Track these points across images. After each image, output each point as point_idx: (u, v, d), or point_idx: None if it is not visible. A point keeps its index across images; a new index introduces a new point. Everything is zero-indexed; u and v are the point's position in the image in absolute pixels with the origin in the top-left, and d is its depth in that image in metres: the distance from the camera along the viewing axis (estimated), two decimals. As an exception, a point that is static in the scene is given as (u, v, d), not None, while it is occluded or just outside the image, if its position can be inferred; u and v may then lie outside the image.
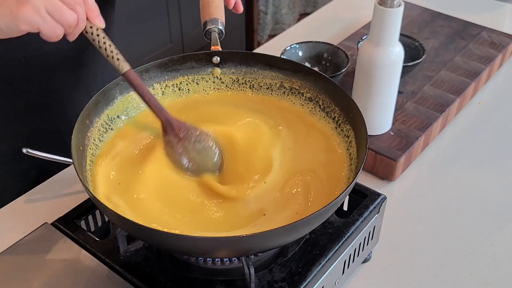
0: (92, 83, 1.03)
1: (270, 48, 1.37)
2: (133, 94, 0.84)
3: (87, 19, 0.70)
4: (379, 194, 0.82)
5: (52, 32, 0.68)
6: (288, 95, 0.87)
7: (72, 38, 0.71)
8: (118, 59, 0.74)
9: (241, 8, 0.93)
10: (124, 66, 0.74)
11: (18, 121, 0.98)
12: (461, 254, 0.88)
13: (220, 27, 0.88)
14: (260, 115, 0.85)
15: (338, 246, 0.75)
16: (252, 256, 0.72)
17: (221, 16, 0.89)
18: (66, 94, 1.00)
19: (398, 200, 0.97)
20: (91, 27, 0.71)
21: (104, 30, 1.03)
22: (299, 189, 0.73)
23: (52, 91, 0.98)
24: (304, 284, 0.70)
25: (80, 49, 0.97)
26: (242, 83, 0.89)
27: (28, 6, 0.65)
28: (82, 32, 0.71)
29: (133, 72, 0.75)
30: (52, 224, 0.79)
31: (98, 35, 0.72)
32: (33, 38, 0.88)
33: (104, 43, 0.73)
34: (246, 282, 0.68)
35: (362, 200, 0.81)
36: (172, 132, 0.77)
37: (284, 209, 0.71)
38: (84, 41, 0.96)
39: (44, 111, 0.99)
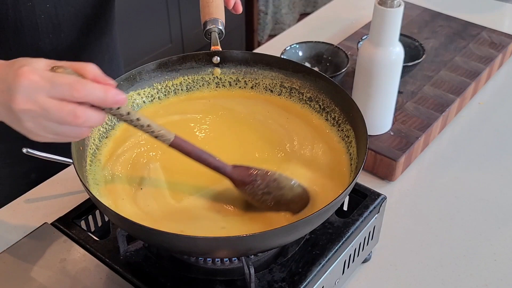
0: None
1: (270, 48, 1.37)
2: (133, 94, 0.84)
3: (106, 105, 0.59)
4: (379, 194, 0.82)
5: (72, 139, 0.62)
6: (288, 95, 0.87)
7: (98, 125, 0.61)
8: (157, 136, 0.65)
9: (240, 9, 0.93)
10: (166, 140, 0.66)
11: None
12: (461, 254, 0.88)
13: (220, 27, 0.88)
14: (259, 115, 0.85)
15: (338, 246, 0.75)
16: (252, 256, 0.72)
17: (221, 16, 0.89)
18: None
19: (398, 200, 0.97)
20: (115, 115, 0.62)
21: (104, 30, 1.03)
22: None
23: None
24: (304, 284, 0.70)
25: (78, 49, 0.97)
26: (242, 83, 0.89)
27: (30, 134, 0.60)
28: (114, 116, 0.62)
29: (179, 139, 0.67)
30: (52, 224, 0.79)
31: (127, 120, 0.63)
32: (31, 38, 0.88)
33: (136, 125, 0.64)
34: (246, 282, 0.68)
35: (362, 200, 0.81)
36: (239, 187, 0.71)
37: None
38: (82, 41, 0.97)
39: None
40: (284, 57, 1.10)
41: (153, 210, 0.70)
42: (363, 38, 1.18)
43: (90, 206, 0.81)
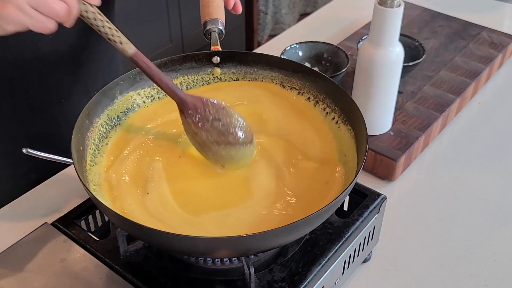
0: (92, 83, 1.03)
1: (270, 48, 1.37)
2: (133, 94, 0.84)
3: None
4: (379, 194, 0.82)
5: (42, 27, 0.64)
6: (288, 95, 0.87)
7: (69, 25, 0.66)
8: (121, 42, 0.69)
9: (240, 9, 0.93)
10: (128, 48, 0.70)
11: (18, 122, 0.98)
12: (461, 254, 0.88)
13: (220, 27, 0.88)
14: (257, 114, 0.85)
15: (338, 246, 0.75)
16: (252, 256, 0.72)
17: (221, 16, 0.89)
18: (66, 94, 1.00)
19: (398, 200, 0.97)
20: (86, 11, 0.66)
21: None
22: (299, 189, 0.73)
23: (52, 92, 0.98)
24: (304, 284, 0.70)
25: (78, 49, 0.97)
26: (242, 83, 0.89)
27: (10, 5, 0.62)
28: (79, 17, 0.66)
29: (140, 53, 0.71)
30: (52, 224, 0.79)
31: (95, 19, 0.66)
32: (30, 39, 0.88)
33: (103, 26, 0.67)
34: (246, 282, 0.68)
35: (362, 200, 0.81)
36: (188, 113, 0.73)
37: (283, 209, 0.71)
38: (82, 42, 0.97)
39: (44, 111, 0.99)
40: (284, 57, 1.10)
41: (165, 217, 0.70)
42: (363, 38, 1.18)
43: (90, 206, 0.81)
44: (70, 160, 0.70)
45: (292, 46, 1.18)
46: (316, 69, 1.13)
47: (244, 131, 0.75)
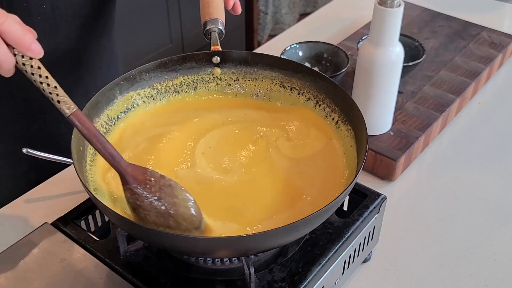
0: (91, 84, 1.03)
1: (270, 48, 1.37)
2: (133, 94, 0.84)
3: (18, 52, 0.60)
4: (379, 194, 0.82)
5: None
6: (288, 95, 0.87)
7: (5, 75, 0.61)
8: (58, 102, 0.62)
9: (239, 10, 0.93)
10: (66, 108, 0.63)
11: (18, 122, 0.98)
12: (461, 254, 0.88)
13: (220, 27, 0.88)
14: (258, 115, 0.85)
15: (338, 246, 0.75)
16: (252, 256, 0.72)
17: (221, 16, 0.89)
18: (67, 95, 1.00)
19: (398, 200, 0.97)
20: (24, 65, 0.60)
21: (103, 31, 1.03)
22: (299, 189, 0.73)
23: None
24: (304, 284, 0.70)
25: (77, 49, 0.97)
26: (242, 83, 0.89)
27: None
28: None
29: (80, 114, 0.64)
30: (52, 224, 0.79)
31: (33, 73, 0.61)
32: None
33: (41, 82, 0.61)
34: (246, 282, 0.68)
35: (362, 200, 0.81)
36: (126, 186, 0.65)
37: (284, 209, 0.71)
38: (82, 42, 0.97)
39: (44, 112, 0.99)
40: (284, 57, 1.10)
41: None
42: (363, 38, 1.18)
43: (90, 206, 0.81)
44: (70, 160, 0.70)
45: (292, 46, 1.18)
46: (316, 69, 1.13)
47: (189, 217, 0.64)
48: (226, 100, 0.88)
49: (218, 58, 0.87)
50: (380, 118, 1.01)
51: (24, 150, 0.85)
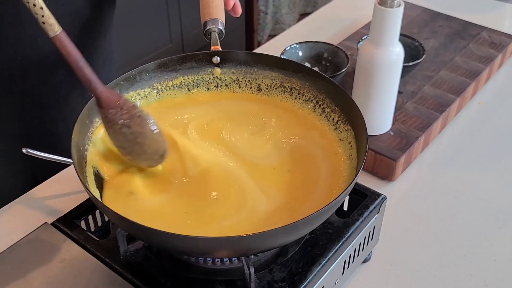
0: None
1: (270, 48, 1.37)
2: (133, 94, 0.84)
3: None
4: (379, 194, 0.82)
5: None
6: (288, 95, 0.87)
7: None
8: (43, 23, 0.64)
9: (239, 11, 0.93)
10: (50, 30, 0.64)
11: (18, 122, 0.98)
12: (461, 254, 0.88)
13: (220, 27, 0.88)
14: (258, 115, 0.85)
15: (338, 246, 0.75)
16: (252, 256, 0.72)
17: (221, 16, 0.89)
18: (64, 94, 1.00)
19: (398, 200, 0.97)
20: None
21: (100, 32, 1.03)
22: (299, 189, 0.73)
23: (51, 91, 0.98)
24: (304, 284, 0.70)
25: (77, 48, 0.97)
26: (242, 83, 0.89)
27: None
28: None
29: (63, 37, 0.66)
30: (52, 224, 0.79)
31: None
32: (30, 36, 0.88)
33: (28, 2, 0.62)
34: (246, 282, 0.68)
35: (362, 200, 0.81)
36: (99, 109, 0.69)
37: (284, 209, 0.71)
38: (81, 41, 0.97)
39: (43, 111, 0.99)
40: (284, 57, 1.10)
41: (152, 209, 0.70)
42: (363, 38, 1.18)
43: (90, 206, 0.81)
44: (70, 160, 0.70)
45: (292, 46, 1.18)
46: (316, 69, 1.13)
47: (154, 146, 0.70)
48: (226, 94, 0.89)
49: (218, 58, 0.87)
50: (380, 118, 1.01)
51: (24, 150, 0.84)
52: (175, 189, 0.73)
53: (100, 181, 0.73)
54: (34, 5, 0.63)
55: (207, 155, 0.77)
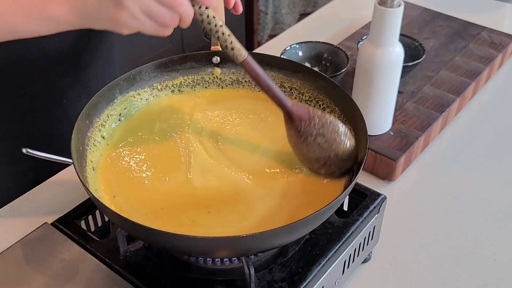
0: (91, 83, 1.03)
1: (270, 48, 1.37)
2: (133, 94, 0.84)
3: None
4: (379, 194, 0.82)
5: (154, 32, 0.66)
6: (288, 95, 0.87)
7: (184, 28, 0.67)
8: (232, 49, 0.68)
9: (240, 9, 0.93)
10: (239, 55, 0.69)
11: (18, 122, 0.98)
12: (461, 254, 0.88)
13: (220, 27, 0.88)
14: (258, 114, 0.85)
15: (338, 246, 0.75)
16: (252, 256, 0.72)
17: (221, 16, 0.89)
18: (66, 94, 1.00)
19: (398, 200, 0.97)
20: (201, 15, 0.66)
21: (105, 31, 1.03)
22: (299, 189, 0.73)
23: (53, 91, 0.98)
24: (304, 284, 0.70)
25: (80, 49, 0.97)
26: (242, 83, 0.89)
27: (125, 12, 0.63)
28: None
29: (250, 61, 0.70)
30: (52, 224, 0.79)
31: (209, 23, 0.66)
32: (37, 42, 0.88)
33: (217, 31, 0.67)
34: (246, 282, 0.68)
35: (362, 200, 0.81)
36: (291, 125, 0.72)
37: (284, 209, 0.71)
38: (84, 41, 0.97)
39: (44, 111, 0.99)
40: (284, 57, 1.10)
41: (152, 209, 0.70)
42: (363, 38, 1.18)
43: (90, 206, 0.81)
44: (70, 160, 0.70)
45: (292, 46, 1.18)
46: (316, 69, 1.13)
47: (349, 148, 0.71)
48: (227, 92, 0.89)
49: (218, 58, 0.87)
50: (380, 118, 1.01)
51: (24, 150, 0.84)
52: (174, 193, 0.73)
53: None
54: (223, 33, 0.67)
55: (207, 159, 0.77)
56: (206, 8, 0.66)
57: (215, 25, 0.66)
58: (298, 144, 0.72)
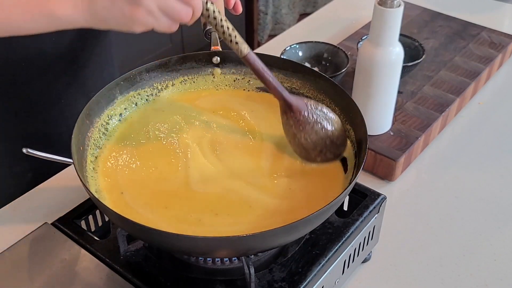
0: (92, 83, 1.03)
1: (270, 48, 1.37)
2: (133, 94, 0.84)
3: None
4: (379, 194, 0.82)
5: (167, 29, 0.67)
6: (288, 95, 0.87)
7: (189, 24, 0.69)
8: (236, 43, 0.71)
9: (240, 9, 0.93)
10: (243, 48, 0.72)
11: (18, 122, 0.98)
12: (461, 254, 0.88)
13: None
14: (258, 115, 0.85)
15: (338, 246, 0.75)
16: (252, 256, 0.72)
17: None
18: (65, 94, 1.00)
19: (398, 200, 0.97)
20: (207, 10, 0.69)
21: (105, 31, 1.03)
22: (299, 189, 0.73)
23: (51, 91, 0.98)
24: (304, 284, 0.70)
25: (78, 48, 0.97)
26: (242, 83, 0.89)
27: (141, 9, 0.64)
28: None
29: (252, 55, 0.73)
30: (52, 224, 0.79)
31: (215, 18, 0.69)
32: (33, 38, 0.88)
33: (222, 26, 0.70)
34: (246, 282, 0.68)
35: (362, 200, 0.81)
36: (290, 115, 0.75)
37: (284, 209, 0.71)
38: (82, 41, 0.97)
39: (43, 111, 0.99)
40: (284, 57, 1.10)
41: (152, 209, 0.70)
42: (363, 38, 1.18)
43: (90, 206, 0.81)
44: (70, 160, 0.70)
45: (292, 46, 1.18)
46: (316, 69, 1.13)
47: (342, 133, 0.76)
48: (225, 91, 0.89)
49: (218, 58, 0.87)
50: (380, 118, 1.01)
51: (24, 150, 0.84)
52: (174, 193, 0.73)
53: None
54: (228, 28, 0.70)
55: (207, 159, 0.77)
56: (211, 3, 0.69)
57: (220, 20, 0.69)
58: (296, 133, 0.75)
